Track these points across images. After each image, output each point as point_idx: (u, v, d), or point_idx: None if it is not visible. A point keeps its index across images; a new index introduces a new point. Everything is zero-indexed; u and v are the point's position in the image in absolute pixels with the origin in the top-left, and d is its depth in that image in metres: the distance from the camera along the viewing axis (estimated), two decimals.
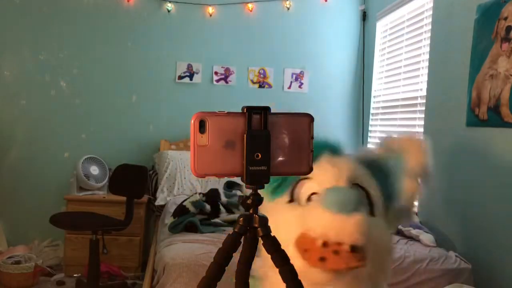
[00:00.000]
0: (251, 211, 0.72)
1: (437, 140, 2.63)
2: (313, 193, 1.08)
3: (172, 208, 2.72)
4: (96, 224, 2.69)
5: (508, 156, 2.04)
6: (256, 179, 0.68)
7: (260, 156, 0.66)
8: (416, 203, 1.18)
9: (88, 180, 3.33)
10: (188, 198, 2.68)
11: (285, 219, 1.04)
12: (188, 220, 2.43)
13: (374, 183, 1.12)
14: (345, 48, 3.97)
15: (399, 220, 1.18)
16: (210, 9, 3.73)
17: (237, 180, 3.43)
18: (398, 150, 1.14)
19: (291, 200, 1.11)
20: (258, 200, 0.71)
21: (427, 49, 2.86)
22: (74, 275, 3.24)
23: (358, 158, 1.19)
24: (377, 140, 3.64)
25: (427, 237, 2.24)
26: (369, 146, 3.74)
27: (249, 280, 0.76)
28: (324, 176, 1.06)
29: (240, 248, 0.74)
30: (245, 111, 0.66)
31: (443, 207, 2.54)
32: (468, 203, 2.32)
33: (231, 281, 0.76)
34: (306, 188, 1.09)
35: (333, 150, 1.14)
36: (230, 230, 2.80)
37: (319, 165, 1.07)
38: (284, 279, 0.71)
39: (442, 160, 2.57)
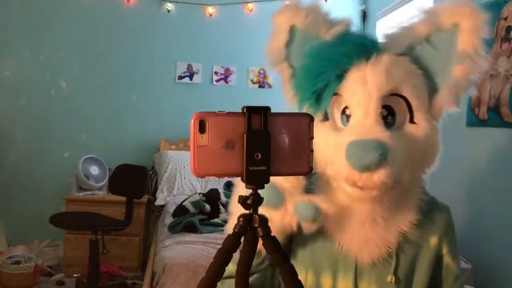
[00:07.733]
0: (251, 211, 0.71)
1: None
2: (346, 108, 0.96)
3: (172, 208, 2.72)
4: (96, 224, 2.69)
5: (508, 156, 2.04)
6: (256, 179, 0.67)
7: (260, 156, 0.66)
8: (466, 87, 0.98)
9: (88, 180, 3.33)
10: (188, 198, 2.68)
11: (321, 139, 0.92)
12: (188, 220, 2.43)
13: (420, 80, 0.97)
14: None
15: (445, 108, 1.06)
16: (210, 9, 3.73)
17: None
18: (449, 24, 0.93)
19: (326, 119, 0.99)
20: (258, 200, 0.71)
21: None
22: (74, 275, 3.24)
23: (399, 47, 0.97)
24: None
25: None
26: None
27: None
28: (353, 98, 0.92)
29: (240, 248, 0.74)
30: (245, 111, 0.66)
31: None
32: (468, 203, 2.32)
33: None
34: (338, 105, 0.97)
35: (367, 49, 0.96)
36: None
37: (347, 80, 0.93)
38: (284, 279, 0.71)
39: (442, 160, 2.57)
